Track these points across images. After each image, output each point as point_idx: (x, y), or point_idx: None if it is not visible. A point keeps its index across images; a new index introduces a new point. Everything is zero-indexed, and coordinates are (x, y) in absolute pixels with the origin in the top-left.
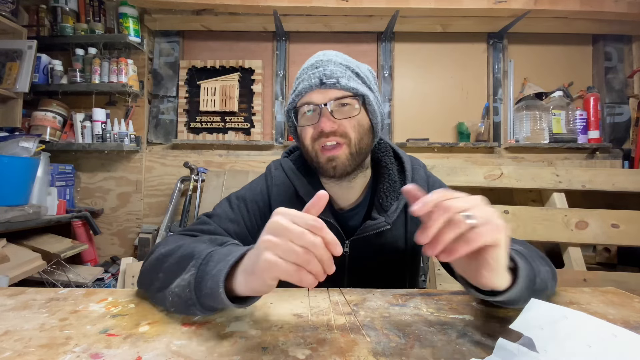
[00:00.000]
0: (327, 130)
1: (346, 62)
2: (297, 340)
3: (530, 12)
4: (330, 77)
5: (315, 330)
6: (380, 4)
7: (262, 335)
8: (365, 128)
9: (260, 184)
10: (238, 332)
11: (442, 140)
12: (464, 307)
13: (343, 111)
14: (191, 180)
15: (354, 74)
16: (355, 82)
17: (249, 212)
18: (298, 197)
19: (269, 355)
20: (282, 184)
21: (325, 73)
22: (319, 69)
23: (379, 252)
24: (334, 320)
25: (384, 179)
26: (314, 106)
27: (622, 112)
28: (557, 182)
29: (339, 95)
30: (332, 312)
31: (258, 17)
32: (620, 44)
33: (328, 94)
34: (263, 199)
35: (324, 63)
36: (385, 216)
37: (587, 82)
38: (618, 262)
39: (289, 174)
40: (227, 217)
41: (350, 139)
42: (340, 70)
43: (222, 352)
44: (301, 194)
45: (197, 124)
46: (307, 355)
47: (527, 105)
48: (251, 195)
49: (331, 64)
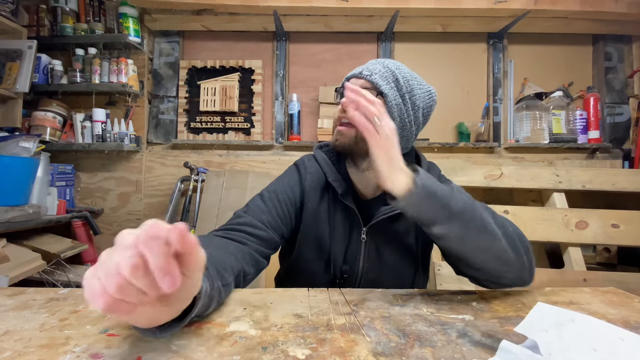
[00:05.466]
0: (344, 106)
1: (394, 68)
2: (297, 340)
3: (530, 12)
4: (368, 71)
5: (315, 330)
6: (380, 4)
7: (262, 335)
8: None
9: (290, 176)
10: (238, 332)
11: (442, 140)
12: (464, 307)
13: None
14: (191, 180)
15: (394, 78)
16: (385, 82)
17: (279, 202)
18: (327, 185)
19: (269, 355)
20: (316, 172)
21: (368, 67)
22: (366, 64)
23: (392, 239)
24: (334, 320)
25: None
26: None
27: (622, 112)
28: (557, 182)
29: (367, 86)
30: (332, 312)
31: (258, 17)
32: (620, 44)
33: (359, 82)
34: (293, 188)
35: (375, 62)
36: None
37: (587, 82)
38: (618, 262)
39: (321, 163)
40: (259, 209)
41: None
42: (381, 71)
43: (222, 352)
44: (330, 180)
45: (197, 124)
46: (307, 355)
47: (527, 105)
48: (281, 187)
49: (379, 64)
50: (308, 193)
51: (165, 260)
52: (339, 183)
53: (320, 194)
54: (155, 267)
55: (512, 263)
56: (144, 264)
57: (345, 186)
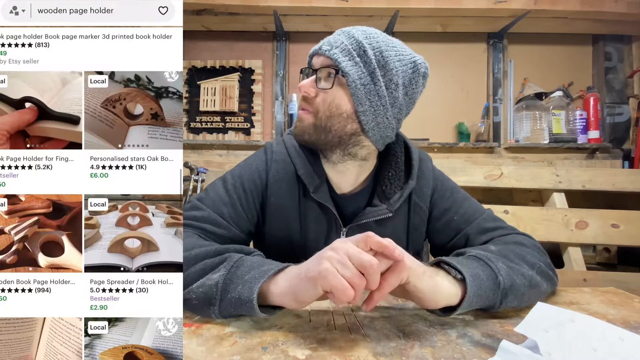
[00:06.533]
0: (301, 91)
1: (363, 38)
2: (297, 340)
3: (530, 12)
4: (328, 44)
5: (315, 330)
6: (380, 4)
7: (262, 335)
8: (340, 110)
9: (257, 160)
10: (238, 332)
11: (442, 140)
12: None
13: (325, 83)
14: (191, 180)
15: (360, 51)
16: (347, 57)
17: (245, 191)
18: (297, 178)
19: (269, 355)
20: (282, 160)
21: (329, 40)
22: (331, 36)
23: None
24: (334, 320)
25: (390, 166)
26: (310, 70)
27: (622, 112)
28: (557, 182)
29: (328, 63)
30: (332, 312)
31: (258, 17)
32: (620, 44)
33: (319, 60)
34: (260, 176)
35: (340, 32)
36: (387, 204)
37: (587, 82)
38: (618, 262)
39: (290, 151)
40: (220, 200)
41: (317, 111)
42: (344, 43)
43: (222, 352)
44: (300, 173)
45: (197, 124)
46: (307, 355)
47: (527, 105)
48: (248, 173)
49: (344, 34)
50: (272, 184)
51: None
52: (311, 177)
53: (287, 187)
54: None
55: (544, 291)
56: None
57: (318, 181)
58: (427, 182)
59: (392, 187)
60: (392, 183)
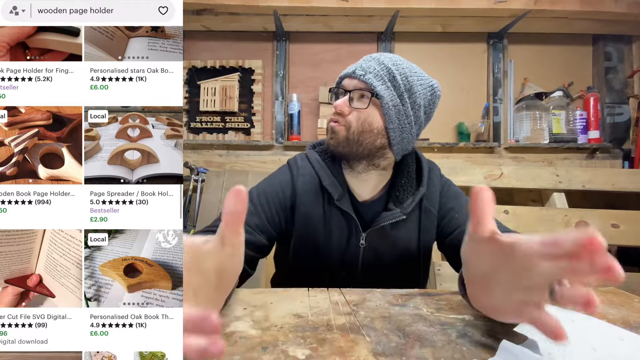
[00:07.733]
0: (337, 109)
1: (391, 64)
2: (297, 340)
3: (530, 12)
4: (362, 70)
5: (315, 330)
6: (380, 4)
7: (262, 335)
8: (372, 127)
9: (281, 176)
10: (238, 332)
11: (442, 140)
12: (464, 307)
13: (359, 103)
14: (191, 180)
15: (390, 77)
16: (380, 82)
17: (268, 202)
18: (322, 188)
19: (269, 355)
20: (309, 174)
21: (361, 65)
22: (360, 61)
23: (393, 245)
24: (334, 320)
25: (403, 174)
26: (341, 90)
27: (622, 112)
28: (557, 182)
29: (361, 86)
30: (332, 312)
31: (258, 17)
32: (620, 44)
33: (353, 82)
34: (284, 190)
35: (369, 58)
36: (401, 207)
37: (587, 82)
38: (618, 262)
39: (314, 165)
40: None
41: (350, 127)
42: (376, 69)
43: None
44: (325, 183)
45: (197, 124)
46: (307, 355)
47: (527, 105)
48: (271, 188)
49: (374, 61)
50: (301, 195)
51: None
52: (334, 187)
53: (314, 197)
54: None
55: None
56: None
57: (340, 190)
58: (436, 189)
59: (405, 193)
60: (405, 190)
